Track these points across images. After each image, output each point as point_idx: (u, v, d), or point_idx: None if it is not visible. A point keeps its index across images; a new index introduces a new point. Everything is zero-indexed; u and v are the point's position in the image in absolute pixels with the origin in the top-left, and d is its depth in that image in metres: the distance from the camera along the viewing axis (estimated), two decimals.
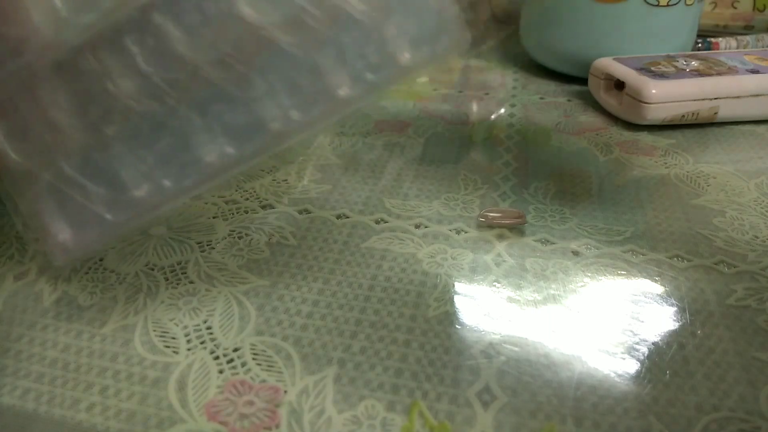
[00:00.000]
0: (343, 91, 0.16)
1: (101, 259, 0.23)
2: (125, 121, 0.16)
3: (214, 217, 0.25)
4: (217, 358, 0.18)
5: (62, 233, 0.17)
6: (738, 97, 0.33)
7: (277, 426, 0.16)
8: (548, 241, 0.24)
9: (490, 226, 0.25)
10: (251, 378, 0.18)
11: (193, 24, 0.16)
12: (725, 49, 0.44)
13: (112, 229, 0.17)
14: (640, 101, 0.32)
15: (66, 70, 0.17)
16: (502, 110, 0.37)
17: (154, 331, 0.19)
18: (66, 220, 0.17)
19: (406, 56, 0.16)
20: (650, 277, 0.22)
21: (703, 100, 0.33)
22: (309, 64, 0.16)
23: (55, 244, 0.17)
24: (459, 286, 0.21)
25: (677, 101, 0.32)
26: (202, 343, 0.19)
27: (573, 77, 0.41)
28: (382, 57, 0.16)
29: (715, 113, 0.33)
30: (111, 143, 0.17)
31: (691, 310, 0.20)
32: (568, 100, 0.38)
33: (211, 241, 0.24)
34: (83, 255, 0.18)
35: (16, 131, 0.17)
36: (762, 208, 0.26)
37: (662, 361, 0.18)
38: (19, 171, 0.17)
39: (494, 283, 0.22)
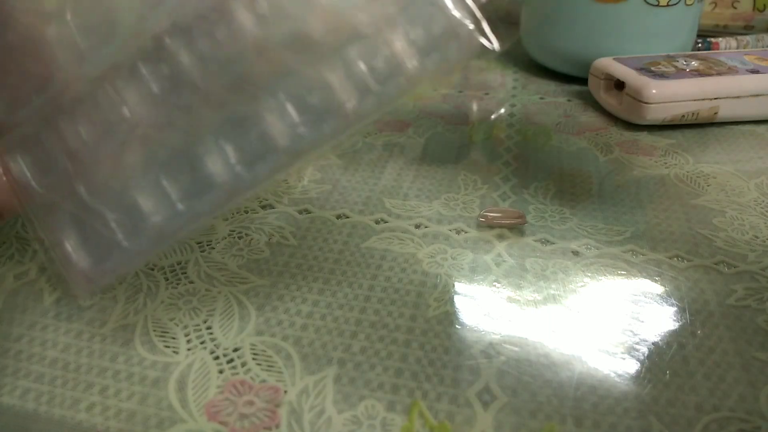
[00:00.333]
0: (352, 105, 0.16)
1: None
2: (142, 147, 0.17)
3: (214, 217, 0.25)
4: (217, 358, 0.18)
5: (83, 262, 0.17)
6: (738, 97, 0.33)
7: (277, 426, 0.16)
8: (548, 241, 0.24)
9: (490, 226, 0.25)
10: (251, 378, 0.18)
11: (204, 49, 0.16)
12: (725, 49, 0.44)
13: (131, 257, 0.17)
14: (640, 101, 0.32)
15: (85, 101, 0.17)
16: (502, 110, 0.37)
17: (154, 331, 0.19)
18: (87, 249, 0.17)
19: (414, 65, 0.16)
20: (650, 277, 0.22)
21: (703, 100, 0.33)
22: (318, 81, 0.16)
23: (77, 274, 0.17)
24: (459, 286, 0.21)
25: (677, 101, 0.32)
26: (202, 343, 0.19)
27: (573, 77, 0.41)
28: (390, 68, 0.16)
29: (715, 113, 0.33)
30: (128, 170, 0.17)
31: (691, 310, 0.20)
32: (568, 100, 0.38)
33: (211, 241, 0.24)
34: (105, 284, 0.18)
35: (40, 164, 0.18)
36: (762, 208, 0.26)
37: (662, 361, 0.18)
38: (42, 202, 0.17)
39: (494, 283, 0.22)
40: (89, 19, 0.17)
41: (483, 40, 0.16)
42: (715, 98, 0.33)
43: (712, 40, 0.44)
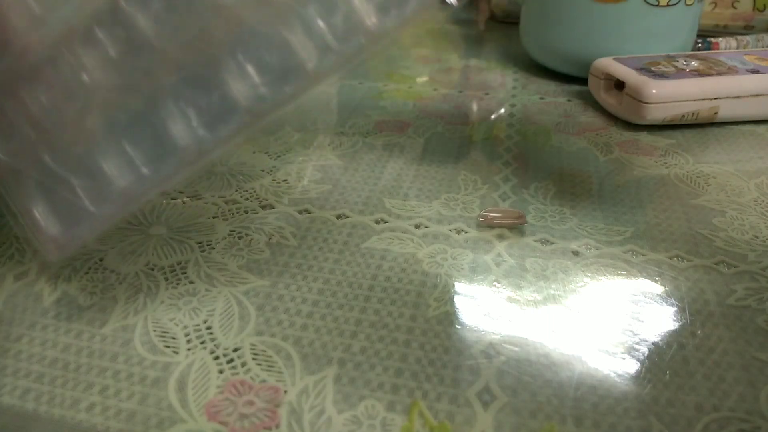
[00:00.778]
0: (313, 65, 0.16)
1: (101, 259, 0.23)
2: (102, 112, 0.17)
3: (214, 217, 0.25)
4: (217, 358, 0.18)
5: (53, 229, 0.17)
6: (738, 97, 0.33)
7: (277, 426, 0.16)
8: (548, 241, 0.24)
9: (490, 226, 0.25)
10: (251, 378, 0.18)
11: (159, 10, 0.16)
12: (725, 49, 0.44)
13: (99, 222, 0.17)
14: (640, 101, 0.32)
15: (44, 67, 0.17)
16: (502, 110, 0.37)
17: (154, 331, 0.19)
18: (56, 216, 0.17)
19: (373, 23, 0.16)
20: (650, 277, 0.22)
21: (703, 100, 0.33)
22: (277, 41, 0.16)
23: (47, 240, 0.17)
24: (459, 286, 0.21)
25: (677, 101, 0.32)
26: (202, 343, 0.19)
27: (573, 77, 0.41)
28: (350, 26, 0.16)
29: (715, 113, 0.33)
30: (91, 136, 0.17)
31: (691, 310, 0.20)
32: (568, 100, 0.38)
33: (211, 241, 0.24)
34: (75, 249, 0.18)
35: (3, 132, 0.18)
36: (762, 208, 0.26)
37: (662, 361, 0.18)
38: (8, 171, 0.17)
39: (494, 283, 0.22)
40: None
41: None
42: (715, 98, 0.33)
43: (712, 40, 0.44)
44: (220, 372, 0.18)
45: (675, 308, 0.20)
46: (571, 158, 0.31)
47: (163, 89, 0.17)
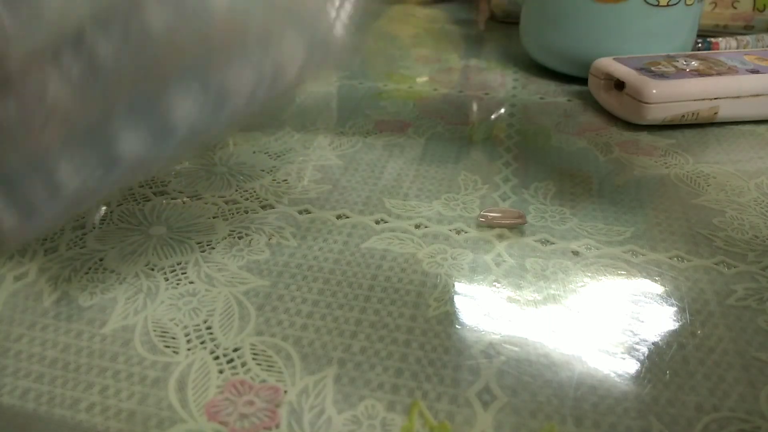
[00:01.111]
0: (244, 101, 0.19)
1: (101, 259, 0.23)
2: (62, 124, 0.19)
3: (214, 217, 0.25)
4: (217, 358, 0.18)
5: (9, 221, 0.19)
6: (738, 97, 0.33)
7: (277, 426, 0.16)
8: (548, 241, 0.24)
9: (490, 226, 0.25)
10: (251, 378, 0.18)
11: (118, 41, 0.18)
12: (725, 49, 0.44)
13: (51, 218, 0.19)
14: (640, 101, 0.32)
15: (11, 82, 0.19)
16: (502, 110, 0.37)
17: (154, 331, 0.19)
18: (11, 210, 0.19)
19: (295, 69, 0.19)
20: (650, 277, 0.22)
21: (703, 100, 0.33)
22: (214, 75, 0.18)
23: (3, 231, 0.19)
24: (459, 286, 0.21)
25: (677, 101, 0.32)
26: (202, 343, 0.19)
27: (573, 77, 0.41)
28: (276, 69, 0.19)
29: (715, 113, 0.33)
30: (50, 143, 0.19)
31: (691, 310, 0.20)
32: (568, 100, 0.38)
33: (211, 241, 0.24)
34: (32, 238, 0.20)
35: None
36: (762, 208, 0.26)
37: (662, 361, 0.18)
38: None
39: (494, 283, 0.22)
40: None
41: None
42: (715, 98, 0.33)
43: (712, 40, 0.44)
44: (220, 372, 0.18)
45: (675, 308, 0.20)
46: (571, 158, 0.31)
47: (116, 107, 0.19)
